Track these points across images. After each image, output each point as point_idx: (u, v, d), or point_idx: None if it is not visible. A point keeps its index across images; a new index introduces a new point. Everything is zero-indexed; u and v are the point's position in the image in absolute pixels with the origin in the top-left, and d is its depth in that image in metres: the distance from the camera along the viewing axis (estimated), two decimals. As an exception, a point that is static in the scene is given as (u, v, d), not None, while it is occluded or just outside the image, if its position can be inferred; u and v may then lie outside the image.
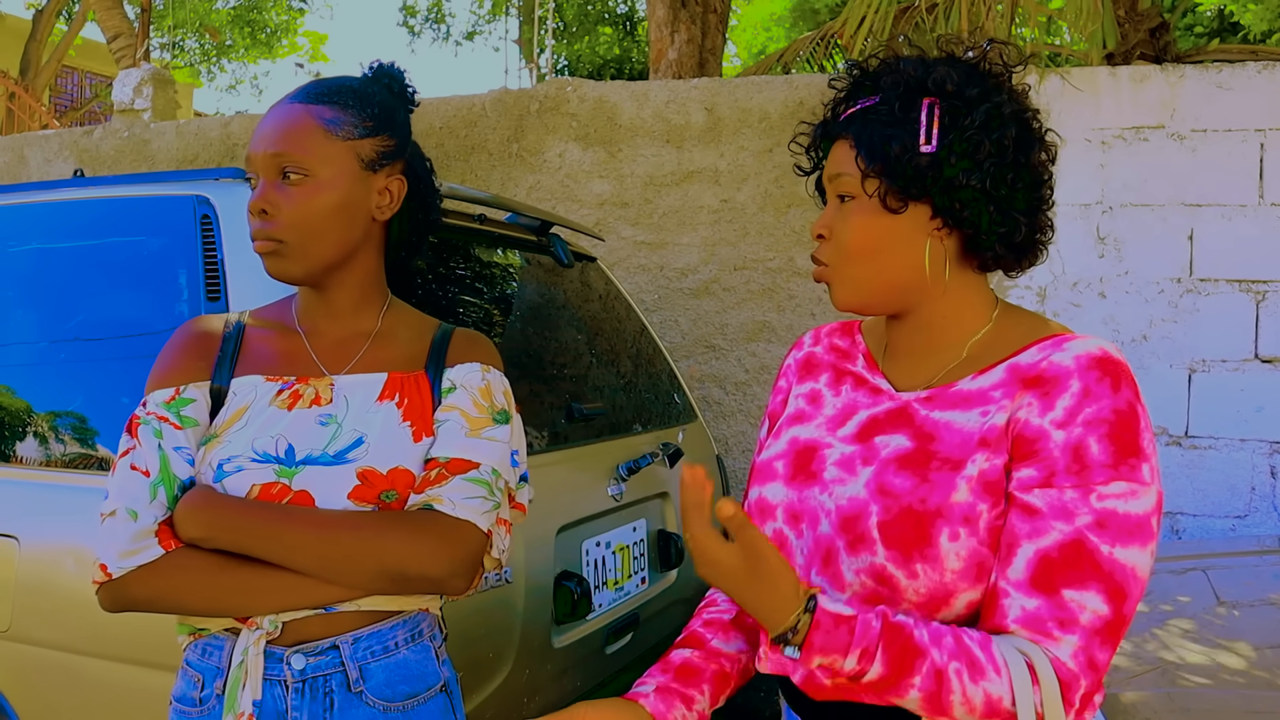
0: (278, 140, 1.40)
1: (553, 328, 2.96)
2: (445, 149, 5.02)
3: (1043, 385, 1.16)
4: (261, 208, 1.39)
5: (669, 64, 7.44)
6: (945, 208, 1.21)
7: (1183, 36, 12.63)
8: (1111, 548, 1.11)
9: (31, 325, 2.56)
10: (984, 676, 1.09)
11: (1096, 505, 1.11)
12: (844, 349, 1.40)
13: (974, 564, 1.15)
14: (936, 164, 1.19)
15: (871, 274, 1.25)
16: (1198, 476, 4.14)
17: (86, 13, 14.95)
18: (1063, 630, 1.10)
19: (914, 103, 1.21)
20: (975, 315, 1.27)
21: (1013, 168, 1.21)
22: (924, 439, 1.21)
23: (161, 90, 6.76)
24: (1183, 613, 2.58)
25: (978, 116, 1.20)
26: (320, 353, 1.47)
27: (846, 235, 1.25)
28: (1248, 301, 4.10)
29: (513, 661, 2.27)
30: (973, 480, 1.16)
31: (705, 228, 4.68)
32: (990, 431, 1.17)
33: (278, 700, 1.35)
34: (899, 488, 1.18)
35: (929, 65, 1.23)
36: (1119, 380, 1.14)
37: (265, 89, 54.58)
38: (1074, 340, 1.19)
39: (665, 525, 3.05)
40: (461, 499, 1.37)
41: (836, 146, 1.29)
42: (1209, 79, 4.14)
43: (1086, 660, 1.10)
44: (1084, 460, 1.12)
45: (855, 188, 1.24)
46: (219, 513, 1.32)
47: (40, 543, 2.29)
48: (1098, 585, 1.10)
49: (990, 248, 1.23)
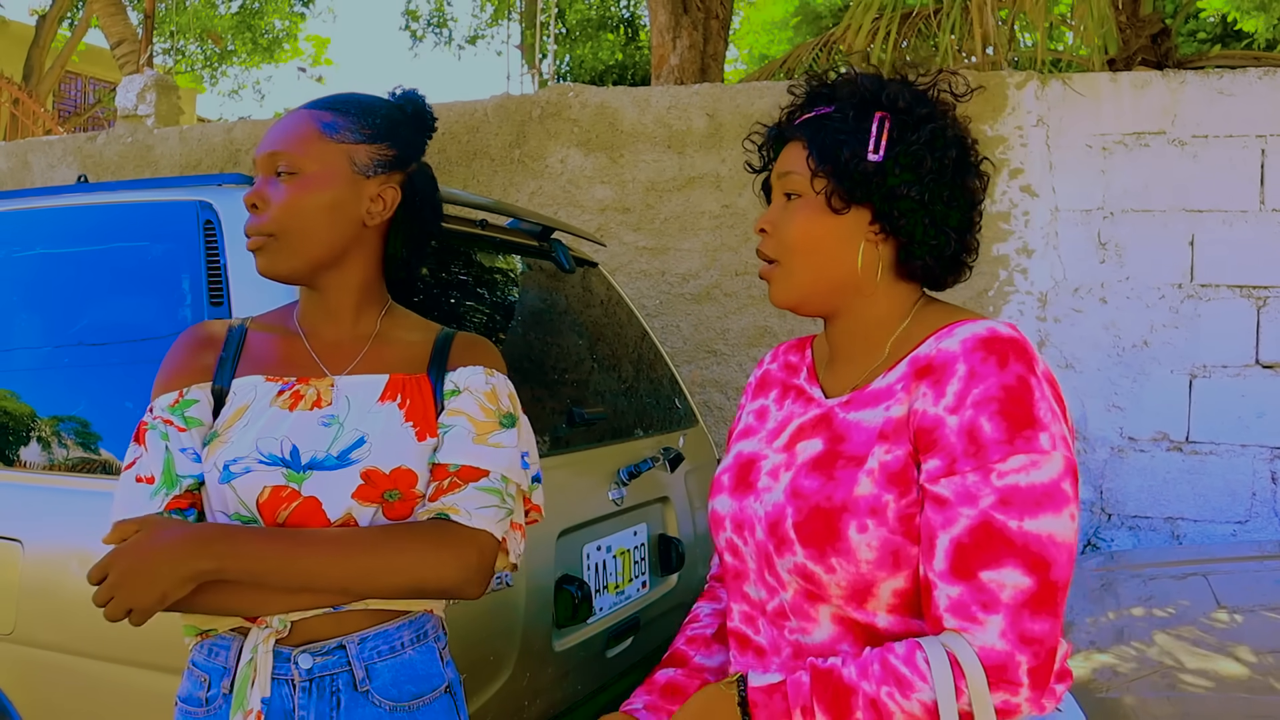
0: (276, 141, 1.44)
1: (554, 333, 2.97)
2: (447, 154, 5.03)
3: (934, 373, 1.22)
4: (252, 201, 1.43)
5: (671, 69, 7.45)
6: (884, 214, 1.29)
7: (1185, 42, 12.63)
8: (1020, 521, 1.14)
9: (35, 330, 2.57)
10: (913, 689, 1.13)
11: (998, 483, 1.15)
12: (794, 364, 1.47)
13: (888, 553, 1.20)
14: (881, 172, 1.27)
15: (809, 271, 1.33)
16: (1199, 482, 4.14)
17: (90, 19, 14.98)
18: (986, 612, 1.13)
19: (867, 114, 1.30)
20: (899, 316, 1.34)
21: (949, 186, 1.30)
22: (835, 440, 1.27)
23: (165, 96, 6.78)
24: (1183, 617, 2.58)
25: (923, 134, 1.29)
26: (321, 353, 1.48)
27: (790, 230, 1.33)
28: (1249, 307, 4.10)
29: (513, 665, 2.27)
30: (874, 473, 1.21)
31: (707, 233, 4.69)
32: (888, 424, 1.23)
33: (285, 699, 1.36)
34: (808, 489, 1.25)
35: (884, 83, 1.33)
36: (1005, 357, 1.19)
37: (268, 94, 54.54)
38: (964, 325, 1.25)
39: (666, 530, 3.05)
40: (476, 508, 1.39)
41: (789, 148, 1.36)
42: (1210, 85, 4.15)
43: (1017, 636, 1.13)
44: (979, 441, 1.16)
45: (803, 186, 1.32)
46: (231, 545, 1.32)
47: (44, 546, 2.30)
48: (1014, 561, 1.13)
49: (921, 258, 1.31)
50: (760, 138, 1.44)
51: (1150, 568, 3.08)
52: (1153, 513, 4.18)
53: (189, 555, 1.30)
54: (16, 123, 11.90)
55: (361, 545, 1.34)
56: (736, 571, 1.36)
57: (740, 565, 1.35)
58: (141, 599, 1.29)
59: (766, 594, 1.31)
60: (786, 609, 1.29)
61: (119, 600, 1.29)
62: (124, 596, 1.29)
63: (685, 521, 3.12)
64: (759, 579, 1.32)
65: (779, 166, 1.37)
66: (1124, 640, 2.45)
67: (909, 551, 1.20)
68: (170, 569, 1.29)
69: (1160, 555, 3.30)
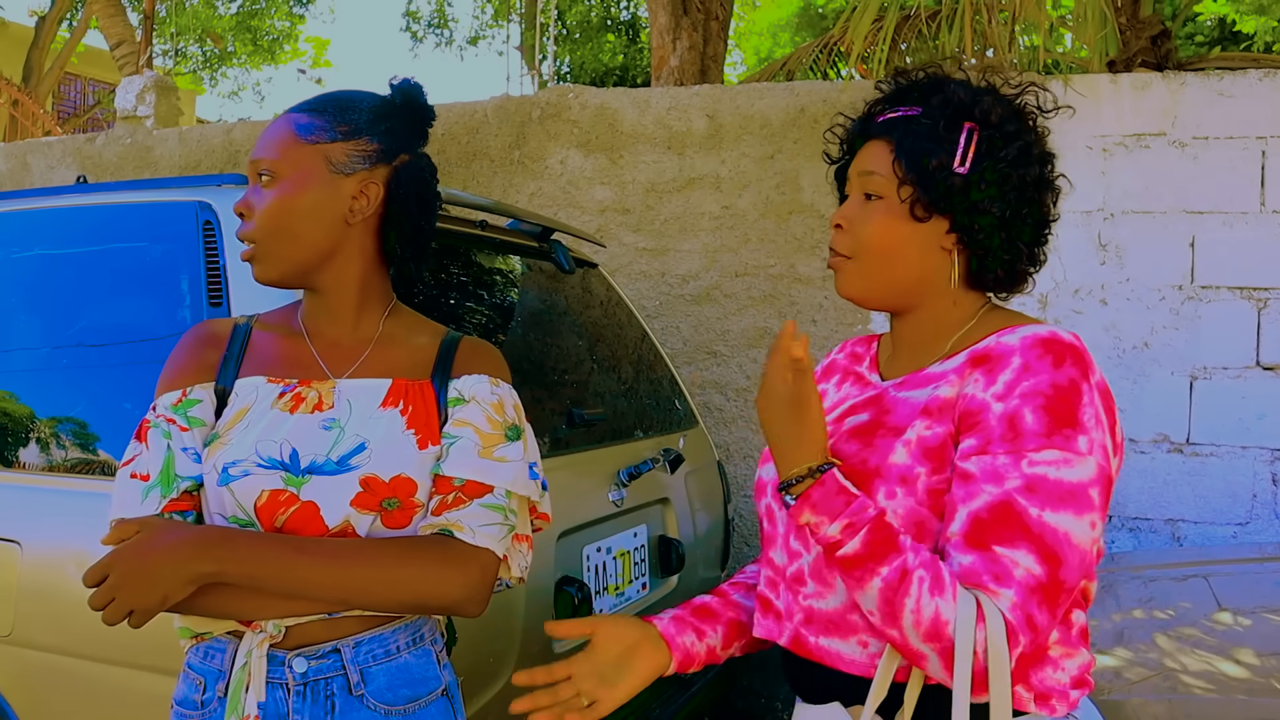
0: (257, 148, 1.46)
1: (554, 334, 2.96)
2: (447, 155, 5.03)
3: (989, 363, 1.23)
4: (240, 210, 1.45)
5: (671, 71, 7.44)
6: (964, 226, 1.30)
7: (1183, 45, 12.63)
8: (1040, 510, 1.15)
9: (34, 331, 2.56)
10: (942, 594, 1.14)
11: (1027, 470, 1.16)
12: (859, 354, 1.49)
13: (912, 523, 1.22)
14: (966, 185, 1.28)
15: (882, 272, 1.33)
16: (1199, 484, 4.13)
17: (89, 20, 14.97)
18: (998, 583, 1.14)
19: (957, 124, 1.30)
20: (965, 320, 1.35)
21: (1028, 203, 1.31)
22: (880, 413, 1.31)
23: (164, 97, 6.77)
24: (1184, 619, 2.58)
25: (1012, 151, 1.30)
26: (323, 354, 1.48)
27: (868, 232, 1.33)
28: (1249, 309, 4.10)
29: (513, 666, 2.27)
30: (911, 444, 1.24)
31: (706, 234, 4.68)
32: (933, 402, 1.25)
33: (279, 703, 1.36)
34: (846, 452, 1.28)
35: (978, 93, 1.33)
36: (1062, 358, 1.20)
37: (267, 95, 54.56)
38: (1027, 326, 1.27)
39: (666, 531, 3.05)
40: (480, 525, 1.38)
41: (872, 145, 1.36)
42: (1210, 86, 4.14)
43: (1024, 616, 1.13)
44: (1018, 429, 1.18)
45: (885, 189, 1.32)
46: (232, 550, 1.31)
47: (42, 547, 2.29)
48: (1028, 545, 1.14)
49: (994, 270, 1.33)
50: (842, 130, 1.44)
51: (1151, 569, 3.07)
52: (1153, 514, 4.18)
53: (190, 558, 1.29)
54: (16, 124, 11.90)
55: (363, 557, 1.33)
56: (769, 537, 1.40)
57: (772, 530, 1.39)
58: (142, 600, 1.28)
59: (788, 559, 1.34)
60: (805, 573, 1.31)
61: (120, 602, 1.28)
62: (125, 598, 1.28)
63: (685, 523, 3.12)
64: (784, 544, 1.35)
65: (861, 164, 1.36)
66: (1125, 642, 2.45)
67: (932, 526, 1.22)
68: (171, 571, 1.28)
69: (1161, 557, 3.30)
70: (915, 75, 1.38)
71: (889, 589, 1.15)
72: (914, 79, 1.37)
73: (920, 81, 1.36)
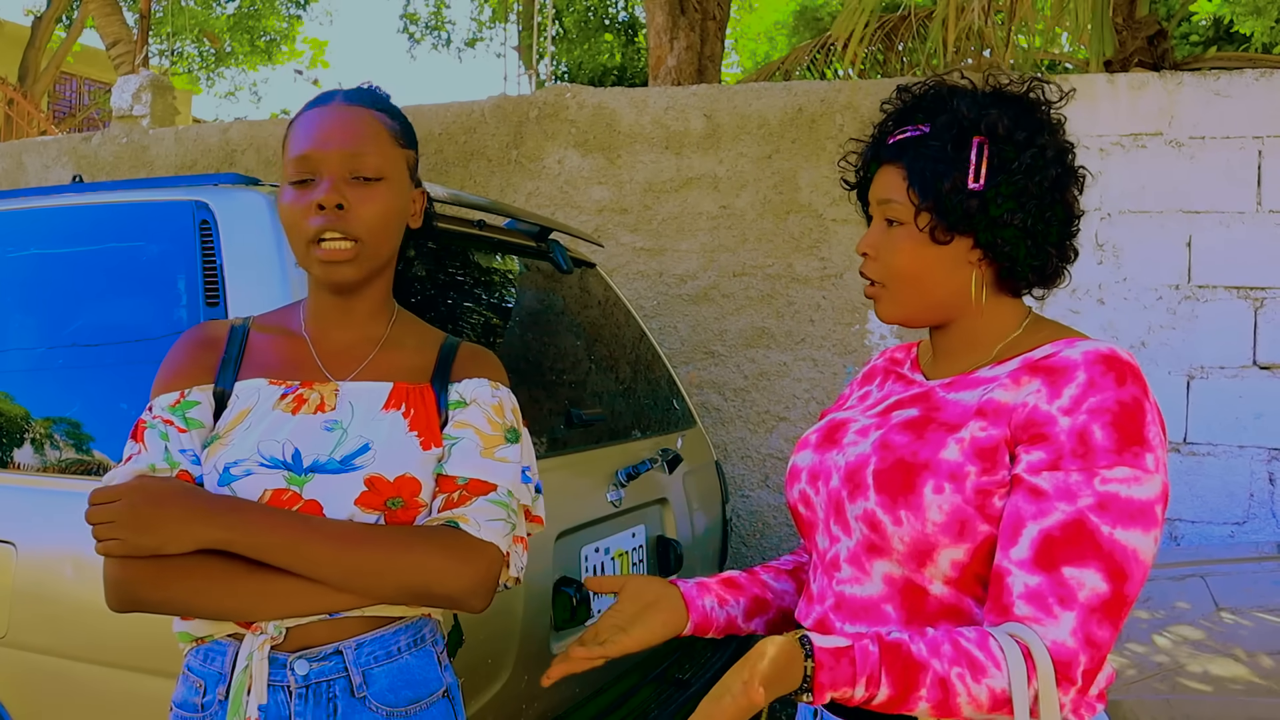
0: (352, 140, 1.40)
1: (552, 333, 2.96)
2: (444, 155, 5.02)
3: (1051, 374, 1.24)
4: (337, 202, 1.37)
5: (668, 71, 7.45)
6: (988, 243, 1.31)
7: (1179, 45, 12.65)
8: (1113, 529, 1.16)
9: (30, 331, 2.55)
10: (985, 674, 1.15)
11: (1100, 488, 1.17)
12: (899, 359, 1.52)
13: (956, 521, 1.23)
14: (984, 203, 1.28)
15: (916, 296, 1.35)
16: (1196, 483, 4.14)
17: (85, 19, 14.96)
18: (1063, 607, 1.15)
19: (965, 141, 1.29)
20: (1007, 326, 1.38)
21: (1050, 206, 1.31)
22: (931, 409, 1.32)
23: (160, 96, 6.76)
24: (1182, 619, 2.58)
25: (1024, 160, 1.29)
26: (325, 358, 1.47)
27: (895, 259, 1.34)
28: (1246, 308, 4.10)
29: (511, 667, 2.26)
30: (964, 442, 1.25)
31: (704, 234, 4.68)
32: (988, 404, 1.26)
33: (281, 706, 1.35)
34: (897, 443, 1.29)
35: (982, 106, 1.32)
36: (1124, 376, 1.21)
37: (264, 96, 54.43)
38: (1087, 340, 1.28)
39: (664, 531, 3.05)
40: (485, 520, 1.39)
41: (886, 171, 1.37)
42: (1207, 86, 4.15)
43: (1085, 637, 1.15)
44: (1089, 444, 1.18)
45: (904, 215, 1.33)
46: (242, 518, 1.31)
47: (38, 548, 2.29)
48: (1098, 564, 1.16)
49: (1024, 277, 1.34)
50: (856, 158, 1.45)
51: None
52: (1150, 514, 4.18)
53: (200, 519, 1.29)
54: (11, 123, 11.88)
55: (371, 540, 1.33)
56: (809, 523, 1.42)
57: (811, 516, 1.41)
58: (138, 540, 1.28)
59: (828, 543, 1.37)
60: (841, 559, 1.34)
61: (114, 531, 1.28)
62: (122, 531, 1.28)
63: (684, 523, 3.12)
64: (825, 528, 1.37)
65: (878, 192, 1.37)
66: (1123, 642, 2.45)
67: (976, 526, 1.23)
68: (180, 526, 1.28)
69: (1159, 557, 3.30)
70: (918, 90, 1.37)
71: (938, 704, 1.16)
72: (917, 94, 1.37)
73: (924, 97, 1.36)
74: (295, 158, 1.40)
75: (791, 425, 4.56)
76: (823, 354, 4.51)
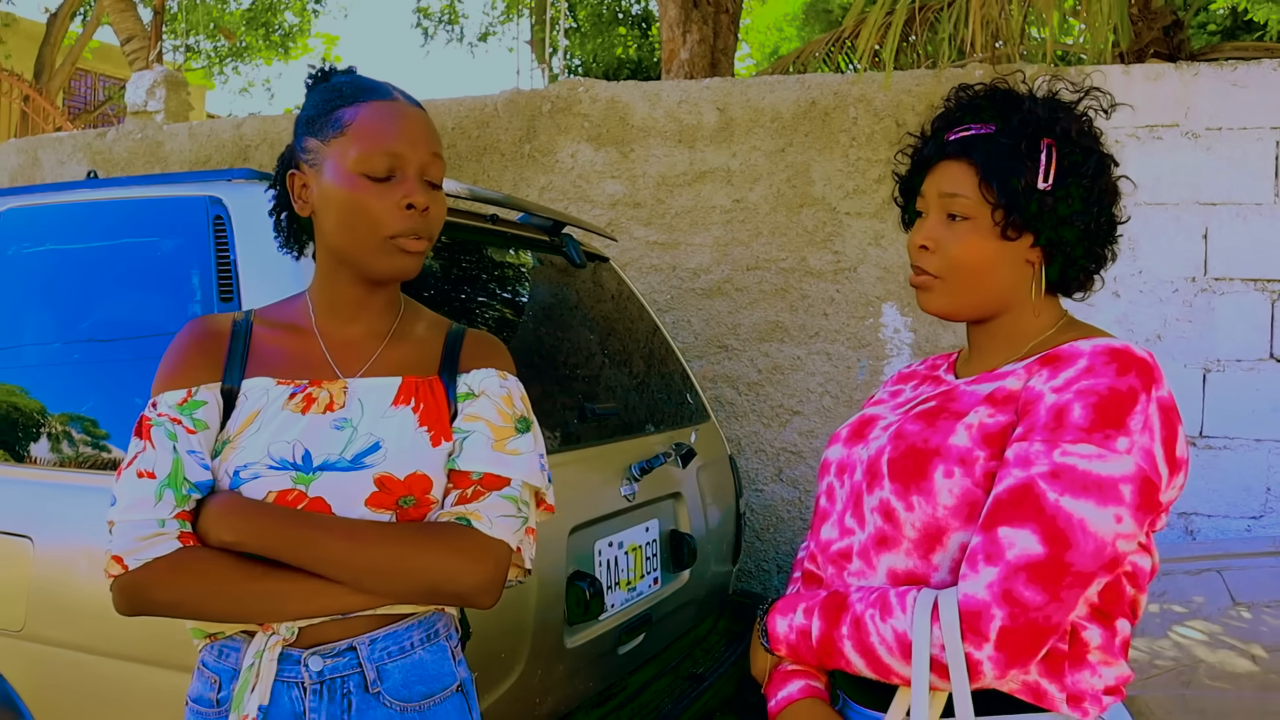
0: (434, 143, 1.44)
1: (565, 328, 2.96)
2: (457, 149, 5.03)
3: (1057, 362, 1.27)
4: (426, 205, 1.41)
5: (681, 64, 7.43)
6: (1051, 240, 1.34)
7: (1196, 35, 12.56)
8: (1060, 495, 1.18)
9: (45, 326, 2.57)
10: (891, 615, 1.23)
11: (1057, 459, 1.19)
12: (938, 364, 1.57)
13: (965, 503, 1.26)
14: (1053, 202, 1.32)
15: (972, 290, 1.38)
16: (1212, 477, 4.12)
17: (100, 16, 15.01)
18: (987, 563, 1.19)
19: (1035, 142, 1.33)
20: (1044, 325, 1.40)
21: (1106, 211, 1.37)
22: (947, 401, 1.36)
23: (174, 92, 6.78)
24: (1198, 614, 2.57)
25: (1091, 164, 1.34)
26: (334, 353, 1.47)
27: (958, 253, 1.36)
28: (1263, 301, 4.08)
29: (525, 662, 2.27)
30: (972, 428, 1.28)
31: (718, 228, 4.67)
32: (999, 392, 1.30)
33: (295, 702, 1.35)
34: (909, 432, 1.33)
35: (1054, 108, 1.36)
36: (1127, 368, 1.23)
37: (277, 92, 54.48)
38: (1105, 337, 1.31)
39: (678, 525, 3.05)
40: (497, 517, 1.39)
41: (949, 166, 1.39)
42: (1223, 77, 4.12)
43: (1002, 592, 1.17)
44: (1062, 421, 1.21)
45: (974, 211, 1.35)
46: (253, 518, 1.32)
47: (54, 542, 2.30)
48: (1035, 526, 1.18)
49: (1075, 277, 1.38)
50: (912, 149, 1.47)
51: (1164, 563, 3.06)
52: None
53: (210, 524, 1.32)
54: (27, 120, 11.92)
55: (381, 538, 1.33)
56: (824, 514, 1.45)
57: (829, 507, 1.45)
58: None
59: (839, 535, 1.40)
60: (853, 551, 1.37)
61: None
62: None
63: (697, 517, 3.11)
64: (839, 521, 1.41)
65: (941, 185, 1.39)
66: (1139, 636, 2.44)
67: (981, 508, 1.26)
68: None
69: (1174, 551, 3.28)
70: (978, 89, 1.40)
71: (859, 645, 1.25)
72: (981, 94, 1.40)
73: (990, 97, 1.39)
74: (381, 152, 1.39)
75: (805, 419, 4.56)
76: (836, 348, 4.49)
